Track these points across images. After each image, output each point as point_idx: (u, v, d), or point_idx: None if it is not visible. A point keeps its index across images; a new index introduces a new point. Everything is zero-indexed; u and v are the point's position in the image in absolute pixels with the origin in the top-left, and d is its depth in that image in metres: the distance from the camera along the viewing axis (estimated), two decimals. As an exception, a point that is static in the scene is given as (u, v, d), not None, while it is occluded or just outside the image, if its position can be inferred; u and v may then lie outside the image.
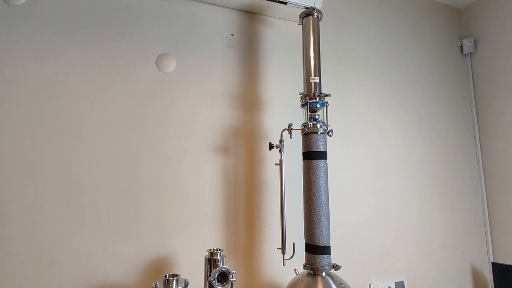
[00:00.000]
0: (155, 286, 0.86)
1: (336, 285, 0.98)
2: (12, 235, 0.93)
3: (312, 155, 1.04)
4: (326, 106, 1.11)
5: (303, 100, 1.12)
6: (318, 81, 1.11)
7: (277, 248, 1.06)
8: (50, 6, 1.06)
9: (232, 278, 0.90)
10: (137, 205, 1.07)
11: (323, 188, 1.04)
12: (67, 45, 1.06)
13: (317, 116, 1.09)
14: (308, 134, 1.06)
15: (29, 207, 0.96)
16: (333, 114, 1.39)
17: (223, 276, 0.90)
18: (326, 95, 1.11)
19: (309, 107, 1.09)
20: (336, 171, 1.36)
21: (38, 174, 0.98)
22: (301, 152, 1.09)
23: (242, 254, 1.17)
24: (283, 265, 1.04)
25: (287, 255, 1.05)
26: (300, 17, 1.20)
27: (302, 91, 1.15)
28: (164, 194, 1.11)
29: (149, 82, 1.15)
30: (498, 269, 1.46)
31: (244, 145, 1.24)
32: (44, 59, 1.03)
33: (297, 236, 1.23)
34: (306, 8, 1.22)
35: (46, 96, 1.02)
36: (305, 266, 1.03)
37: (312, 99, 1.09)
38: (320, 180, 1.03)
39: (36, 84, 1.01)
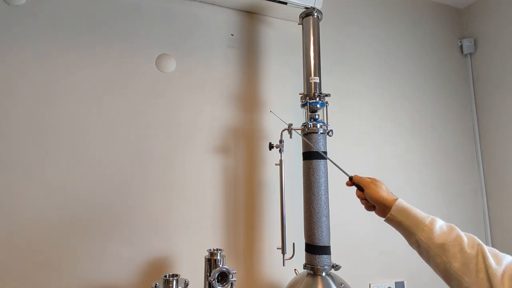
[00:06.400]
0: (155, 286, 0.86)
1: (336, 285, 0.98)
2: (12, 235, 0.93)
3: (312, 155, 1.04)
4: (326, 106, 1.11)
5: (303, 100, 1.12)
6: (318, 81, 1.11)
7: (277, 248, 1.06)
8: (50, 6, 1.06)
9: (232, 278, 0.90)
10: (137, 205, 1.07)
11: (323, 188, 1.04)
12: (67, 45, 1.06)
13: (317, 116, 1.09)
14: (308, 134, 1.06)
15: (30, 207, 0.96)
16: (333, 114, 1.39)
17: (223, 276, 0.90)
18: (326, 95, 1.11)
19: (309, 107, 1.09)
20: (336, 171, 1.36)
21: (39, 174, 0.98)
22: (301, 152, 1.09)
23: (242, 254, 1.17)
24: (283, 265, 1.04)
25: (287, 255, 1.05)
26: (300, 17, 1.20)
27: (302, 91, 1.15)
28: (164, 194, 1.11)
29: (149, 83, 1.15)
30: (498, 269, 1.46)
31: (244, 145, 1.24)
32: (44, 60, 1.03)
33: (297, 236, 1.23)
34: (306, 8, 1.22)
35: (47, 97, 1.02)
36: (305, 266, 1.03)
37: (312, 99, 1.09)
38: (320, 180, 1.03)
39: (37, 85, 1.01)
